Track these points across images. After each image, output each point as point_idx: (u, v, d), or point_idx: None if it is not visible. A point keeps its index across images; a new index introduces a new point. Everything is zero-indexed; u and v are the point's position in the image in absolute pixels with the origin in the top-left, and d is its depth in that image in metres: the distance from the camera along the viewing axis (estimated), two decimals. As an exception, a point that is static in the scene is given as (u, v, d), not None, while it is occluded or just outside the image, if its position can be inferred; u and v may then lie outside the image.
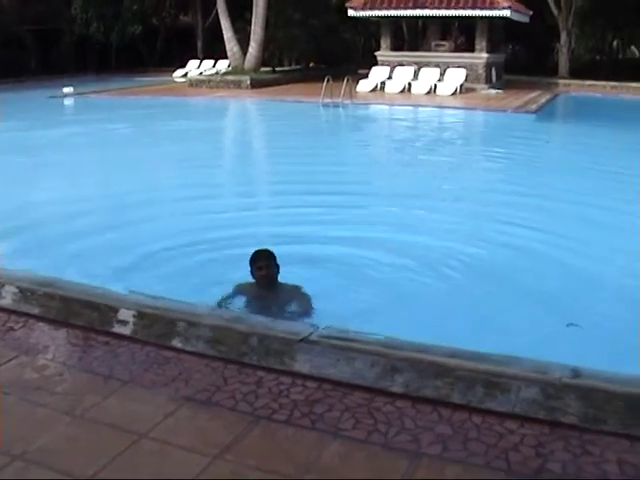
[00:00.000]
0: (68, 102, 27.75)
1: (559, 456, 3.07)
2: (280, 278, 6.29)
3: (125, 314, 4.67)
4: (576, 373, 3.74)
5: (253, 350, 4.05)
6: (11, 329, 4.45)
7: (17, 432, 3.29)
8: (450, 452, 3.11)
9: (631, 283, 7.30)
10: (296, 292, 6.32)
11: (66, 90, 28.65)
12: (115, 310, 4.71)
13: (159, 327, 4.41)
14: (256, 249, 6.26)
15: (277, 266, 6.19)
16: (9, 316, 4.63)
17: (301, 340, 4.11)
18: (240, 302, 6.21)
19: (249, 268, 6.19)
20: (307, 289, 6.37)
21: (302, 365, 3.90)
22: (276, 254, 6.25)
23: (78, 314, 4.64)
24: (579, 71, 38.30)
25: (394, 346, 4.04)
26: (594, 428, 3.27)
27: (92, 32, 41.47)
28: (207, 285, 6.83)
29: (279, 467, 3.01)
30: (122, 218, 9.81)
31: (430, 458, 3.07)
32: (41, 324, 4.55)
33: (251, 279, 6.25)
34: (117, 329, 4.44)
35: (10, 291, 5.13)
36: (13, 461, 3.05)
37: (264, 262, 6.11)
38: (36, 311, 4.74)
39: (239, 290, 6.32)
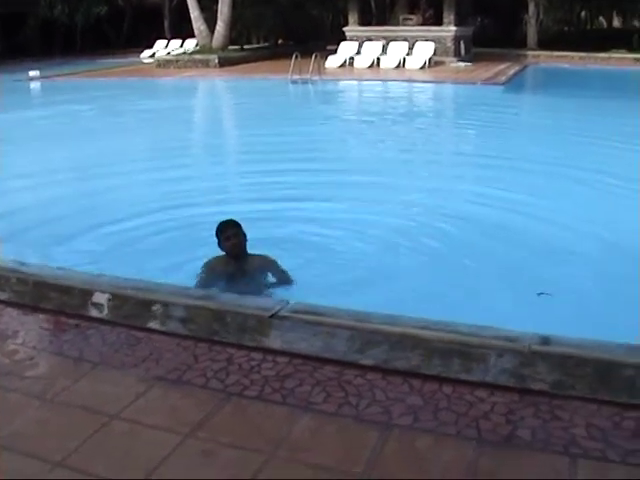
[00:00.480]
0: (34, 85, 27.39)
1: (529, 422, 3.10)
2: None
3: (95, 296, 4.65)
4: (545, 340, 3.78)
5: (223, 327, 4.05)
6: (-21, 315, 4.41)
7: (-13, 418, 3.27)
8: (421, 422, 3.12)
9: (606, 249, 7.38)
10: (267, 261, 6.28)
11: (32, 74, 28.27)
12: (85, 292, 4.69)
13: (129, 308, 4.40)
14: (220, 220, 6.20)
15: (244, 235, 6.14)
16: (-24, 303, 4.59)
17: (271, 316, 4.12)
18: (212, 277, 6.17)
19: (216, 241, 6.14)
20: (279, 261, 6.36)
21: (273, 341, 3.91)
22: (245, 227, 6.20)
23: (48, 298, 4.62)
24: (548, 42, 38.42)
25: (364, 319, 4.06)
26: (563, 394, 3.30)
27: (57, 14, 40.93)
28: (178, 262, 6.81)
29: (251, 442, 3.01)
30: (89, 199, 9.78)
31: (401, 429, 3.09)
32: (10, 309, 4.51)
33: (219, 253, 6.20)
34: (87, 311, 4.42)
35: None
36: (-17, 446, 3.03)
37: (231, 231, 6.04)
38: (5, 297, 4.70)
39: (209, 265, 6.27)
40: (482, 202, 9.19)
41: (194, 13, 35.49)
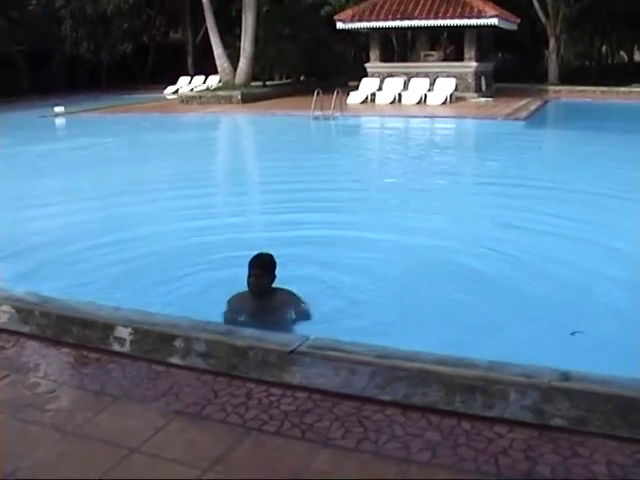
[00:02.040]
0: (59, 121, 27.79)
1: (548, 459, 3.09)
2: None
3: (116, 330, 4.68)
4: (565, 376, 3.76)
5: (243, 362, 4.07)
6: (2, 348, 4.45)
7: (9, 450, 3.30)
8: (439, 458, 3.12)
9: (631, 282, 7.33)
10: (288, 296, 6.32)
11: (57, 109, 28.71)
12: (106, 326, 4.73)
13: (149, 342, 4.42)
14: (258, 253, 6.27)
15: (273, 275, 6.20)
16: (0, 335, 4.64)
17: (291, 351, 4.13)
18: (235, 313, 6.23)
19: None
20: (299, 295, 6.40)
21: (292, 376, 3.92)
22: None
23: (69, 331, 4.66)
24: (568, 77, 38.52)
25: (383, 354, 4.06)
26: (583, 430, 3.28)
27: (82, 51, 41.68)
28: (203, 299, 6.85)
29: (269, 478, 3.02)
30: (112, 230, 9.92)
31: (419, 465, 3.08)
32: (32, 342, 4.56)
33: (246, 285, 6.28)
34: (108, 345, 4.45)
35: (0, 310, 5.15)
36: (4, 478, 3.05)
37: (257, 271, 6.13)
38: (27, 329, 4.75)
39: (233, 301, 6.35)
40: (504, 238, 9.19)
41: (217, 50, 35.92)
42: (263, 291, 6.19)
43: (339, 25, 32.85)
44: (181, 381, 3.90)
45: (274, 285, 6.26)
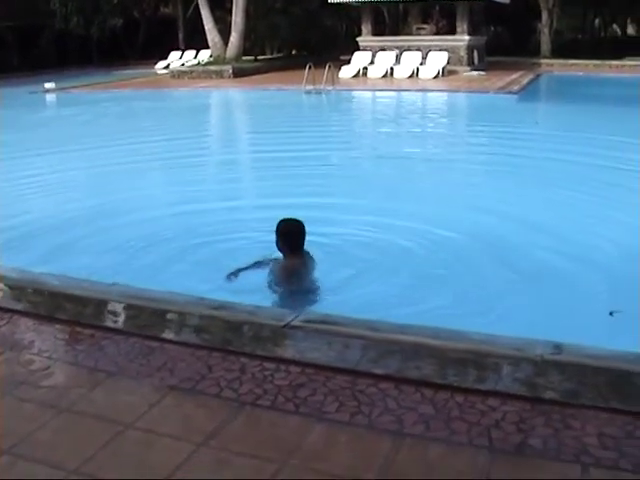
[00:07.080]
0: (50, 97, 27.65)
1: (540, 431, 3.11)
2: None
3: (110, 306, 4.69)
4: (558, 349, 3.78)
5: (237, 337, 4.08)
6: (-4, 325, 4.46)
7: (4, 427, 3.30)
8: (433, 431, 3.13)
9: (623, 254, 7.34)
10: (305, 261, 6.44)
11: (47, 85, 28.56)
12: (100, 302, 4.73)
13: (143, 318, 4.43)
14: (284, 218, 6.38)
15: (297, 240, 6.31)
16: (-7, 313, 4.64)
17: (284, 326, 4.14)
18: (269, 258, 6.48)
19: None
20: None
21: (286, 350, 3.94)
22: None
23: (62, 308, 4.65)
24: (561, 50, 38.45)
25: (376, 328, 4.08)
26: (575, 403, 3.30)
27: (72, 26, 41.30)
28: (193, 274, 6.85)
29: (263, 452, 3.03)
30: (102, 206, 9.90)
31: (413, 438, 3.10)
32: (26, 319, 4.55)
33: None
34: (102, 321, 4.46)
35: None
36: (1, 456, 3.06)
37: (277, 236, 6.28)
38: (20, 307, 4.74)
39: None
40: (499, 210, 9.20)
41: (208, 25, 35.70)
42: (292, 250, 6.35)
43: (331, -1, 32.68)
44: (175, 356, 3.90)
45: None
